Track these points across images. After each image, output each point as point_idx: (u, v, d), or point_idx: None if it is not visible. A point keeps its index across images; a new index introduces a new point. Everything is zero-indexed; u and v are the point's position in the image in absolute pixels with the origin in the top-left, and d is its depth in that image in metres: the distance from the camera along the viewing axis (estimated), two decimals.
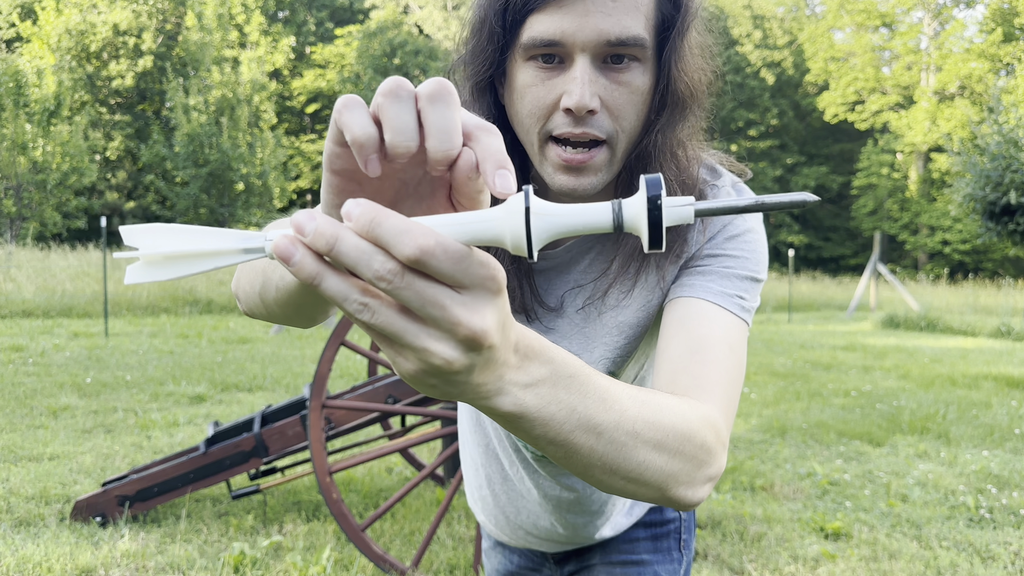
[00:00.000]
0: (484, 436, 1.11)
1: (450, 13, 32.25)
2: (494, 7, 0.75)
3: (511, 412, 0.49)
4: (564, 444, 0.54)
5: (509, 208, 0.43)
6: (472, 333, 0.41)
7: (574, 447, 0.55)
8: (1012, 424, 5.37)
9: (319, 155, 30.57)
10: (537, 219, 0.43)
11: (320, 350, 8.31)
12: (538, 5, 0.72)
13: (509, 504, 1.11)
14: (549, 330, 0.91)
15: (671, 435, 0.61)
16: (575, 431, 0.54)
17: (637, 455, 0.58)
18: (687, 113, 0.79)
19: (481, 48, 0.78)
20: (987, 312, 15.74)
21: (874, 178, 30.64)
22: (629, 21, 0.72)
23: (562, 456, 0.56)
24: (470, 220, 0.43)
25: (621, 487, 0.61)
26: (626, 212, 0.43)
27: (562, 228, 0.44)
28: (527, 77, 0.75)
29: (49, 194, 19.38)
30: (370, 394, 2.99)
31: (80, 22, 25.92)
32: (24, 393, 5.52)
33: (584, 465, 0.57)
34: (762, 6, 33.92)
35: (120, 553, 2.78)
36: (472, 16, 0.80)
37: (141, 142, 26.64)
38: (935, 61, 29.82)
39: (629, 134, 0.77)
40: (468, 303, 0.41)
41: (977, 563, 2.93)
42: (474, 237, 0.43)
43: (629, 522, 1.13)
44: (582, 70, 0.72)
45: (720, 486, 3.80)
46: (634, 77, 0.74)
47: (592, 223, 0.44)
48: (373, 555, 2.61)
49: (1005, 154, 13.45)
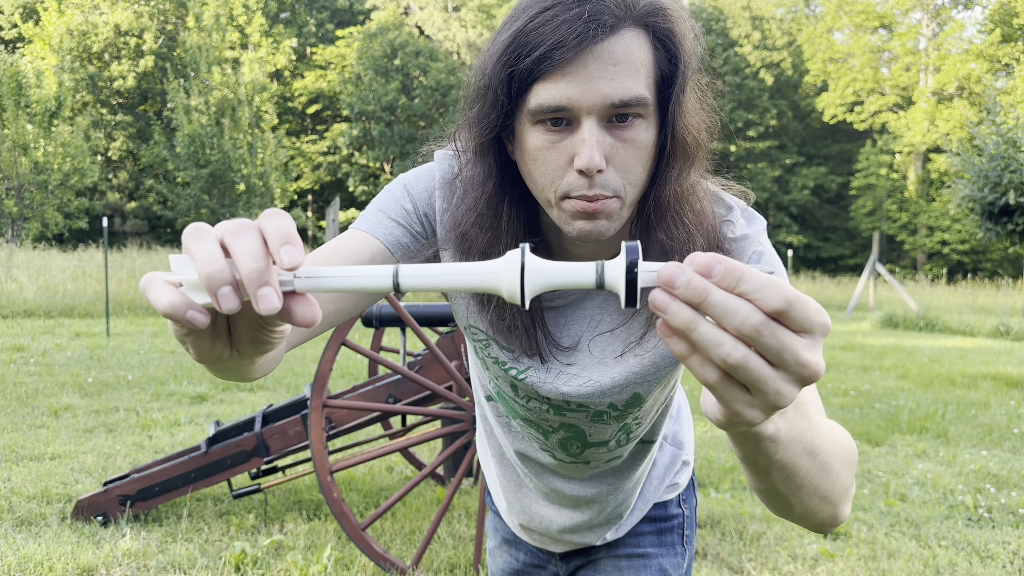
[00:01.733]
0: (498, 447, 1.15)
1: (450, 14, 32.25)
2: (499, 76, 0.78)
3: (770, 435, 0.56)
4: (790, 466, 0.60)
5: (507, 263, 0.49)
6: (814, 374, 0.46)
7: (795, 469, 0.60)
8: (1011, 424, 5.38)
9: (320, 156, 30.57)
10: (531, 275, 0.49)
11: (321, 350, 8.32)
12: (543, 75, 0.75)
13: (523, 511, 1.15)
14: (568, 365, 0.94)
15: (850, 453, 0.67)
16: (801, 454, 0.60)
17: (834, 474, 0.64)
18: (695, 161, 0.83)
19: (485, 113, 0.81)
20: (986, 312, 15.75)
21: (873, 178, 30.64)
22: (631, 83, 0.75)
23: (782, 480, 0.61)
24: (472, 271, 0.49)
25: (810, 508, 0.65)
26: (607, 273, 0.48)
27: (552, 283, 0.49)
28: (538, 141, 0.79)
29: (50, 194, 19.40)
30: (371, 394, 3.00)
31: (82, 23, 25.94)
32: (26, 393, 5.53)
33: (796, 487, 0.62)
34: (761, 7, 33.91)
35: (121, 552, 2.79)
36: (475, 81, 0.83)
37: (142, 143, 26.66)
38: (934, 62, 29.83)
39: (636, 186, 0.81)
40: (812, 347, 0.46)
41: (976, 562, 2.94)
42: (475, 285, 0.49)
43: (635, 517, 1.17)
44: (589, 132, 0.76)
45: (719, 485, 3.82)
46: (638, 134, 0.78)
47: (578, 280, 0.49)
48: (374, 554, 2.62)
49: (1003, 154, 13.46)
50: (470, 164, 0.87)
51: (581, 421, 0.98)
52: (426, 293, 0.97)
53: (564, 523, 1.12)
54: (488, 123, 0.81)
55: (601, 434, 1.00)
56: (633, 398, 0.94)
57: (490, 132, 0.82)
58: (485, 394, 1.08)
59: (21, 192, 19.00)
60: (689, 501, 1.22)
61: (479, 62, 0.83)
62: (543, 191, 0.81)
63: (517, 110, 0.80)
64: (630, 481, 1.10)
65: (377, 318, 3.12)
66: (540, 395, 0.96)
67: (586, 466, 1.05)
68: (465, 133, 0.87)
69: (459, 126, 0.89)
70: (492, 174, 0.85)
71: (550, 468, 1.08)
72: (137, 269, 13.89)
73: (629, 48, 0.75)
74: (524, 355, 0.93)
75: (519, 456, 1.10)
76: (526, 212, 0.87)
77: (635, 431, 1.02)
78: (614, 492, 1.09)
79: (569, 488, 1.08)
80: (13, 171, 18.62)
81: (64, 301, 11.45)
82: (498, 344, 0.95)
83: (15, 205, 18.86)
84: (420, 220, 0.91)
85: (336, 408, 2.90)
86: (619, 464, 1.07)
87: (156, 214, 26.81)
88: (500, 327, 0.91)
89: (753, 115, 32.13)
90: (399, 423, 3.63)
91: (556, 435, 1.02)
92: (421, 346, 7.49)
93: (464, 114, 0.87)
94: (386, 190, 0.94)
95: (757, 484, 0.64)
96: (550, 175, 0.79)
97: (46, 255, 15.02)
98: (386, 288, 0.49)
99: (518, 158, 0.84)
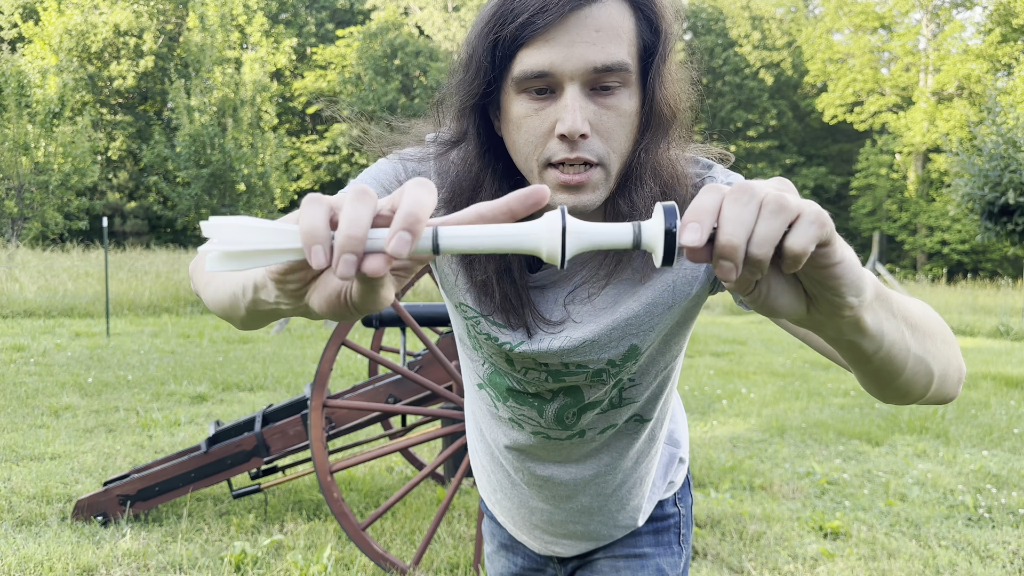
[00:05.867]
0: (487, 445, 1.13)
1: (450, 14, 32.25)
2: (484, 44, 0.79)
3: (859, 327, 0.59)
4: (896, 346, 0.64)
5: (548, 225, 0.49)
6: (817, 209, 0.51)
7: (900, 346, 0.65)
8: (1011, 424, 5.38)
9: (320, 155, 30.58)
10: (571, 236, 0.50)
11: (321, 350, 8.32)
12: (526, 41, 0.76)
13: (522, 506, 1.14)
14: (556, 336, 0.93)
15: (944, 328, 0.73)
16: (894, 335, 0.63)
17: (935, 347, 0.69)
18: (670, 132, 0.84)
19: (468, 81, 0.83)
20: (986, 312, 15.72)
21: (873, 179, 30.64)
22: (613, 48, 0.76)
23: (888, 359, 0.65)
24: (512, 232, 0.50)
25: (925, 384, 0.70)
26: (644, 233, 0.50)
27: (590, 244, 0.51)
28: (521, 109, 0.80)
29: (51, 195, 19.40)
30: (371, 393, 3.00)
31: (81, 23, 25.94)
32: (26, 393, 5.53)
33: (901, 364, 0.66)
34: (761, 7, 33.91)
35: (121, 552, 2.79)
36: (461, 52, 0.85)
37: (143, 142, 26.65)
38: (933, 62, 29.82)
39: (620, 155, 0.81)
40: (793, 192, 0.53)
41: (976, 562, 2.94)
42: (515, 247, 0.50)
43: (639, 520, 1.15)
44: (572, 97, 0.77)
45: (719, 485, 3.81)
46: (621, 101, 0.79)
47: (615, 241, 0.50)
48: (374, 554, 2.62)
49: (1003, 154, 13.46)
50: (451, 128, 0.88)
51: (580, 382, 0.97)
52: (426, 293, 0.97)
53: (563, 517, 1.10)
54: (472, 90, 0.82)
55: (597, 392, 0.98)
56: (630, 350, 0.93)
57: (472, 99, 0.83)
58: (476, 382, 1.06)
59: (22, 192, 19.00)
60: (685, 500, 1.21)
61: (466, 35, 0.84)
62: (527, 160, 0.82)
63: (501, 80, 0.80)
64: (625, 460, 1.06)
65: (377, 318, 3.12)
66: (538, 362, 0.95)
67: (580, 440, 1.03)
68: (449, 102, 0.88)
69: (444, 95, 0.90)
70: (473, 141, 0.86)
71: (541, 456, 1.05)
72: (137, 269, 13.90)
73: (611, 16, 0.76)
74: (511, 324, 0.93)
75: (509, 451, 1.08)
76: (510, 185, 0.88)
77: (629, 391, 0.99)
78: (611, 472, 1.06)
79: (564, 473, 1.06)
80: (14, 171, 18.62)
81: (64, 301, 11.45)
82: (488, 320, 0.94)
83: (16, 205, 18.86)
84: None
85: (336, 408, 2.90)
86: (611, 438, 1.04)
87: (156, 214, 26.80)
88: (489, 306, 0.92)
89: (753, 115, 32.13)
90: (399, 423, 3.63)
91: (553, 404, 0.99)
92: (421, 346, 7.49)
93: (449, 83, 0.88)
94: (380, 162, 0.94)
95: (863, 373, 0.68)
96: (533, 142, 0.80)
97: (46, 255, 15.03)
98: (425, 249, 0.49)
99: (503, 129, 0.85)
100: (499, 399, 1.04)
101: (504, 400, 1.03)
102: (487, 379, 1.04)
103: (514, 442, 1.06)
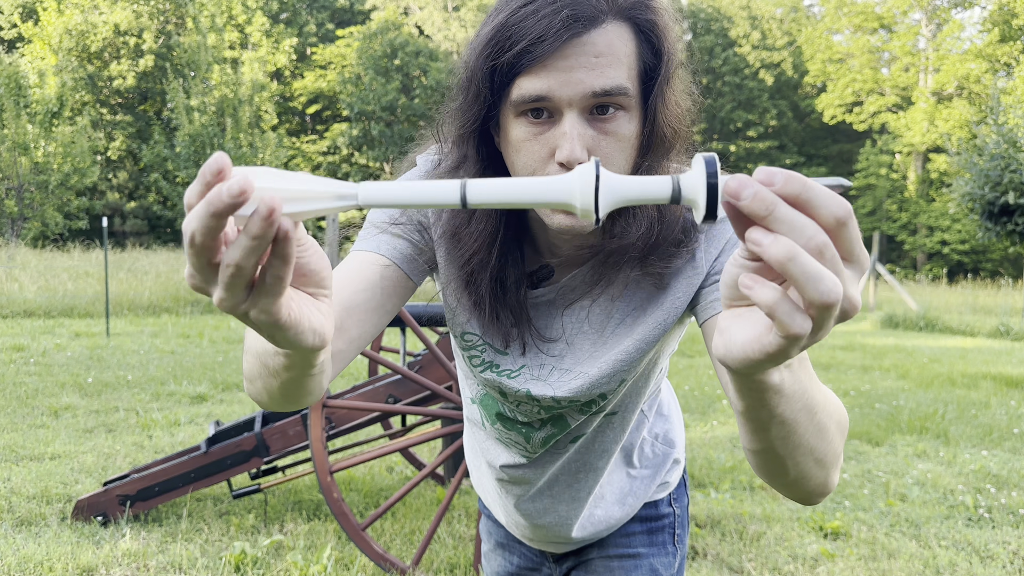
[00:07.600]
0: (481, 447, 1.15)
1: (450, 14, 32.26)
2: (482, 69, 0.78)
3: (775, 385, 0.56)
4: (791, 423, 0.60)
5: (581, 176, 0.46)
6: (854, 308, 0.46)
7: (795, 427, 0.60)
8: (1011, 424, 5.38)
9: (319, 155, 30.57)
10: (605, 188, 0.46)
11: None
12: (524, 68, 0.75)
13: (512, 511, 1.15)
14: (553, 357, 0.95)
15: (843, 418, 0.68)
16: (801, 410, 0.60)
17: (829, 436, 0.65)
18: (671, 153, 0.83)
19: (468, 105, 0.82)
20: (986, 312, 15.73)
21: (873, 179, 30.65)
22: (612, 72, 0.75)
23: (780, 438, 0.61)
24: (544, 184, 0.47)
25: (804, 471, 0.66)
26: (684, 185, 0.46)
27: (626, 198, 0.47)
28: (520, 133, 0.79)
29: (51, 195, 19.40)
30: (371, 393, 3.00)
31: (81, 22, 25.93)
32: (26, 393, 5.53)
33: (793, 446, 0.62)
34: (760, 7, 33.92)
35: (121, 552, 2.79)
36: (460, 73, 0.84)
37: (142, 142, 26.64)
38: (933, 62, 29.83)
39: None
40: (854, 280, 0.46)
41: (976, 562, 2.94)
42: (547, 200, 0.47)
43: (625, 514, 1.15)
44: (571, 124, 0.76)
45: (719, 485, 3.81)
46: (620, 126, 0.78)
47: (652, 194, 0.47)
48: (374, 554, 2.62)
49: (1004, 154, 13.47)
50: (451, 154, 0.88)
51: (568, 412, 0.99)
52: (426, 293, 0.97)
53: (548, 516, 1.11)
54: (471, 115, 0.82)
55: (582, 419, 1.00)
56: (620, 384, 0.95)
57: (472, 124, 0.82)
58: (470, 396, 1.09)
59: (21, 192, 19.00)
60: (680, 500, 1.21)
61: (464, 54, 0.83)
62: None
63: (501, 102, 0.80)
64: (598, 456, 1.07)
65: None
66: (532, 396, 0.96)
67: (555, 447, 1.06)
68: (448, 125, 0.88)
69: (444, 117, 0.90)
70: (473, 167, 0.85)
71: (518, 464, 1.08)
72: (137, 269, 13.89)
73: (611, 41, 0.75)
74: (509, 344, 0.94)
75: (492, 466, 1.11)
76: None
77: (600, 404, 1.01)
78: (584, 471, 1.07)
79: (533, 474, 1.07)
80: (13, 171, 18.62)
81: (64, 301, 11.45)
82: (492, 348, 0.95)
83: (15, 205, 18.87)
84: (415, 226, 0.92)
85: (336, 408, 2.90)
86: (586, 439, 1.05)
87: (156, 214, 26.79)
88: (491, 326, 0.92)
89: (753, 115, 32.13)
90: (399, 423, 3.63)
91: (541, 433, 1.02)
92: (421, 346, 7.49)
93: (449, 106, 0.87)
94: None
95: (754, 444, 0.64)
96: (531, 166, 0.79)
97: (46, 255, 15.02)
98: (453, 205, 0.47)
99: (503, 149, 0.84)
100: (488, 419, 1.07)
101: (492, 423, 1.06)
102: (479, 399, 1.06)
103: (498, 457, 1.09)
